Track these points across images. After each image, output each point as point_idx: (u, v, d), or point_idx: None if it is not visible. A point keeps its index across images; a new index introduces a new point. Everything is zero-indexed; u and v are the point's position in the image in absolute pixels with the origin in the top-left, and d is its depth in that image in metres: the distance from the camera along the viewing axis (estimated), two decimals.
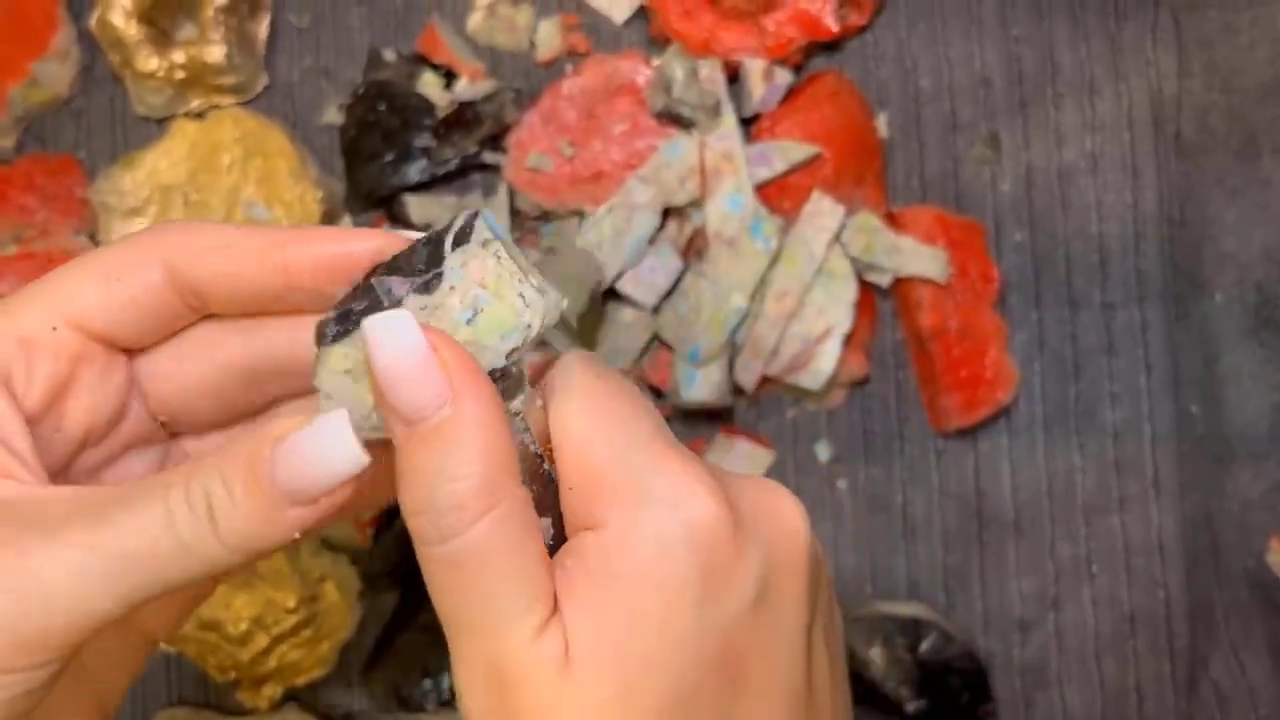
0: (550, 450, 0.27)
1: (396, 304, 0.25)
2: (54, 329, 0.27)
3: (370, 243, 0.27)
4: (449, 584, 0.24)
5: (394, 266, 0.26)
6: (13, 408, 0.26)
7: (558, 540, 0.27)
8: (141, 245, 0.27)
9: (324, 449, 0.23)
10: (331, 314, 0.26)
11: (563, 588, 0.25)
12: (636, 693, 0.24)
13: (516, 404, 0.27)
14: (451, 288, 0.25)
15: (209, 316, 0.29)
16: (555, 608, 0.25)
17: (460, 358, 0.24)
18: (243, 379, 0.29)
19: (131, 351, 0.29)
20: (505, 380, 0.26)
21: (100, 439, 0.29)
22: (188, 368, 0.29)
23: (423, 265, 0.25)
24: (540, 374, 0.28)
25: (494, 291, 0.25)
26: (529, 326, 0.26)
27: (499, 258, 0.26)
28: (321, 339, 0.26)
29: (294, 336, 0.28)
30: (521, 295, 0.26)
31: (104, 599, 0.24)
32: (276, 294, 0.27)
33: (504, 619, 0.24)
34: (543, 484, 0.27)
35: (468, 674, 0.25)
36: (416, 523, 0.24)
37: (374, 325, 0.24)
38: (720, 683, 0.25)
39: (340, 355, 0.25)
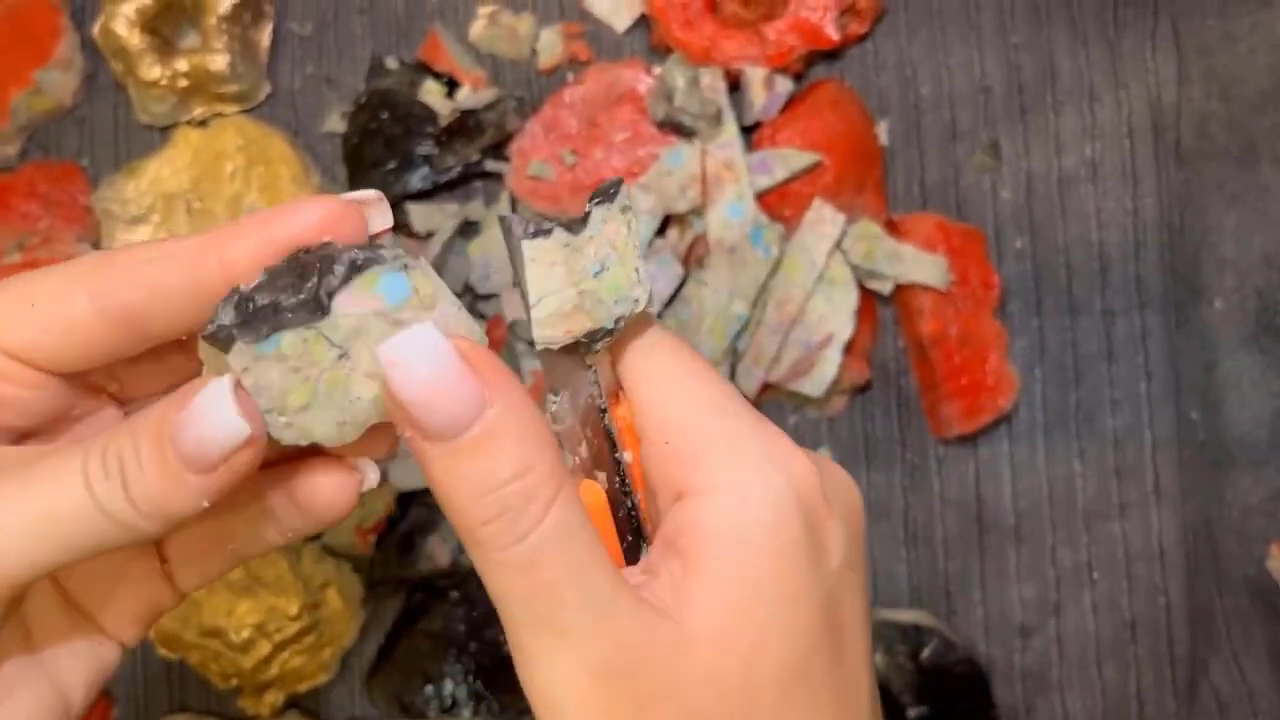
0: (614, 406, 0.27)
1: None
2: None
3: (307, 217, 0.25)
4: (532, 585, 0.23)
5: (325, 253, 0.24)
6: None
7: (612, 489, 0.27)
8: (67, 274, 0.26)
9: (208, 419, 0.23)
10: (243, 305, 0.24)
11: (681, 557, 0.24)
12: (761, 656, 0.24)
13: (591, 358, 0.27)
14: (590, 238, 0.26)
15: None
16: (640, 573, 0.25)
17: (487, 356, 0.23)
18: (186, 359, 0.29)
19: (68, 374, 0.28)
20: (607, 338, 0.26)
21: (44, 432, 0.28)
22: (154, 375, 0.29)
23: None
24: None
25: (620, 256, 0.26)
26: (637, 301, 0.26)
27: (629, 228, 0.26)
28: (241, 335, 0.24)
29: None
30: (638, 269, 0.26)
31: (18, 554, 0.24)
32: (218, 289, 0.26)
33: (600, 604, 0.23)
34: (602, 437, 0.27)
35: (568, 675, 0.23)
36: (487, 531, 0.23)
37: (396, 348, 0.22)
38: (827, 641, 0.25)
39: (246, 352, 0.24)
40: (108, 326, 0.26)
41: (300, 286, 0.24)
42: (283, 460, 0.28)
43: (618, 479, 0.27)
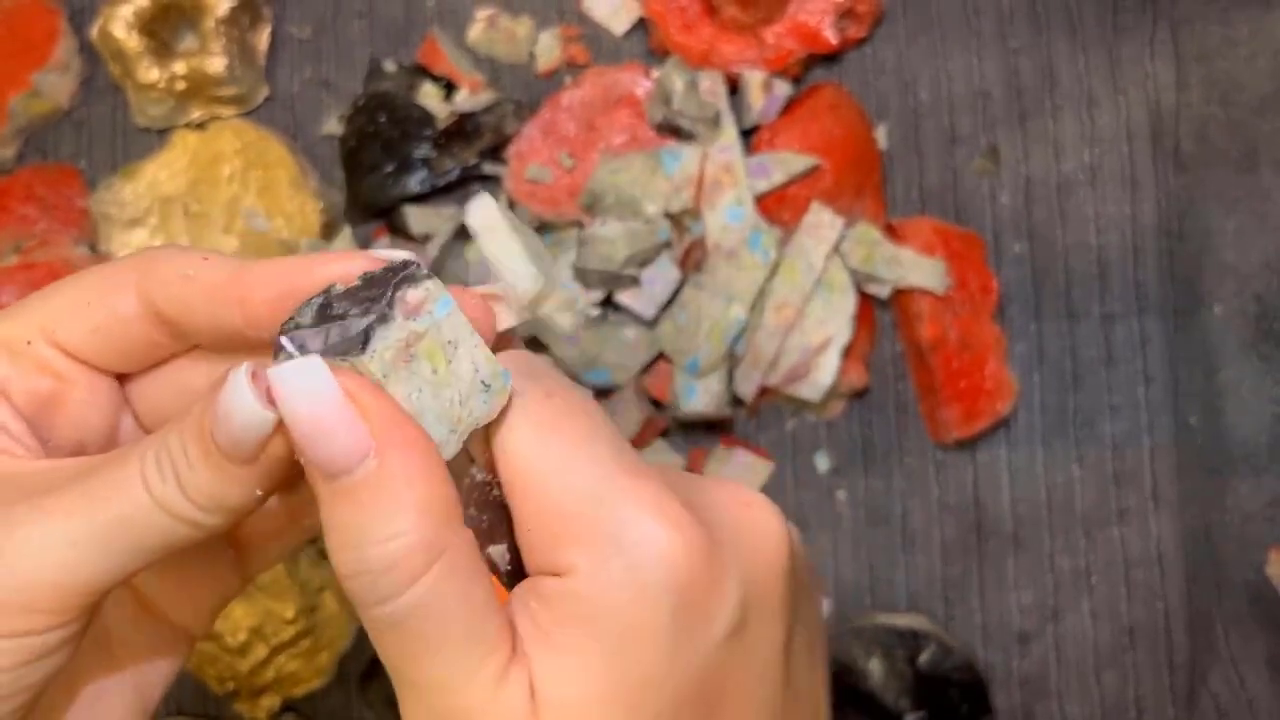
0: (496, 476, 0.25)
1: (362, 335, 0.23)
2: (28, 343, 0.27)
3: (330, 270, 0.25)
4: (393, 644, 0.23)
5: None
6: (5, 402, 0.27)
7: (515, 565, 0.26)
8: (119, 271, 0.27)
9: (233, 407, 0.23)
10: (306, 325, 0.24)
11: (529, 632, 0.24)
12: None
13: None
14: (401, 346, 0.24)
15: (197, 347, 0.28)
16: (514, 651, 0.24)
17: (382, 403, 0.23)
18: None
19: (123, 376, 0.29)
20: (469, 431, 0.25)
21: (92, 451, 0.29)
22: (165, 394, 0.29)
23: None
24: None
25: (449, 344, 0.24)
26: (487, 386, 0.25)
27: (438, 308, 0.24)
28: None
29: None
30: (476, 348, 0.25)
31: (94, 565, 0.24)
32: (237, 329, 0.26)
33: (458, 673, 0.23)
34: (494, 510, 0.25)
35: None
36: (350, 585, 0.23)
37: (280, 375, 0.22)
38: (699, 714, 0.24)
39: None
40: (150, 328, 0.27)
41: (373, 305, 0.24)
42: None
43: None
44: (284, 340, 0.23)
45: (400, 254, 0.25)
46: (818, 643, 0.29)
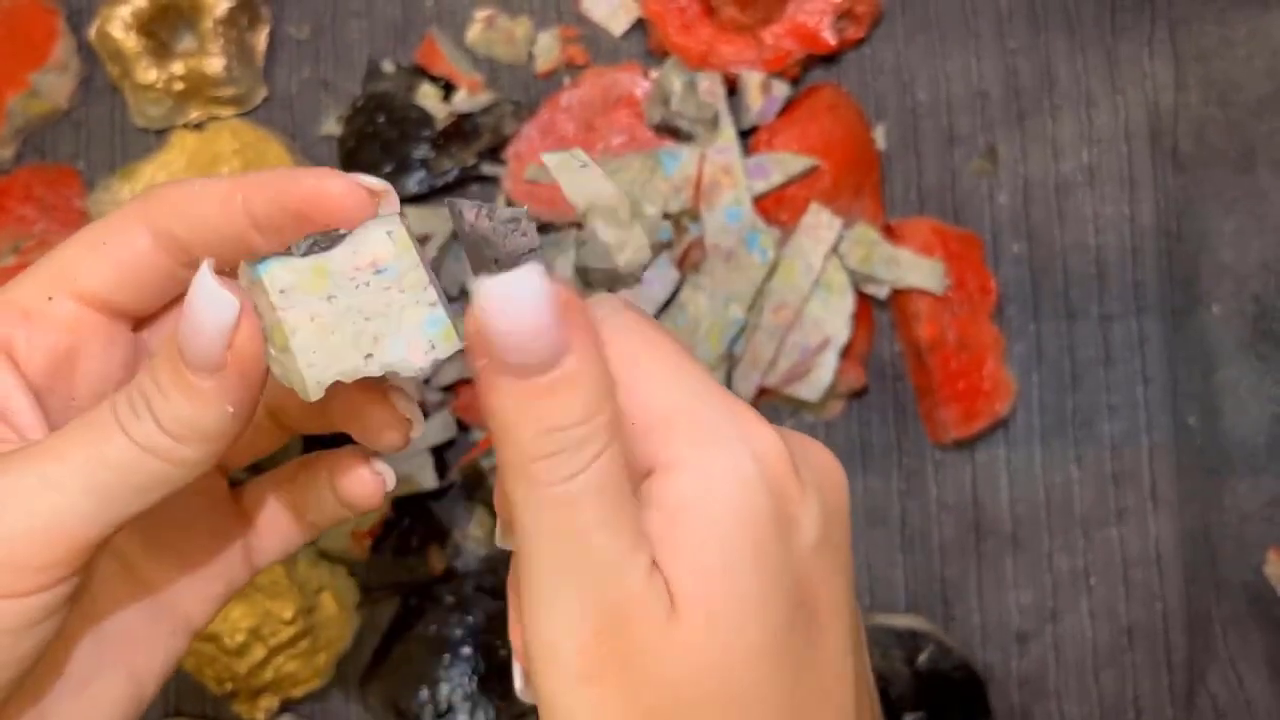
0: None
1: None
2: (50, 299, 0.28)
3: (330, 186, 0.27)
4: (565, 524, 0.24)
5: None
6: (13, 373, 0.27)
7: None
8: (125, 211, 0.28)
9: (198, 302, 0.24)
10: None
11: (651, 533, 0.25)
12: (740, 633, 0.24)
13: None
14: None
15: None
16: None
17: (578, 305, 0.24)
18: None
19: (138, 323, 0.30)
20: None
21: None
22: None
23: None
24: None
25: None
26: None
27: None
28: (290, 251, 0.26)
29: None
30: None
31: (78, 511, 0.24)
32: (243, 236, 0.27)
33: (621, 555, 0.24)
34: None
35: (573, 621, 0.24)
36: (540, 465, 0.23)
37: (500, 286, 0.23)
38: (803, 617, 0.25)
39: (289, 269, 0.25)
40: (164, 258, 0.28)
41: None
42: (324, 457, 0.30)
43: None
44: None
45: (380, 183, 0.27)
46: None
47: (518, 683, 0.27)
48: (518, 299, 0.22)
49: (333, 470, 0.31)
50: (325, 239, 0.26)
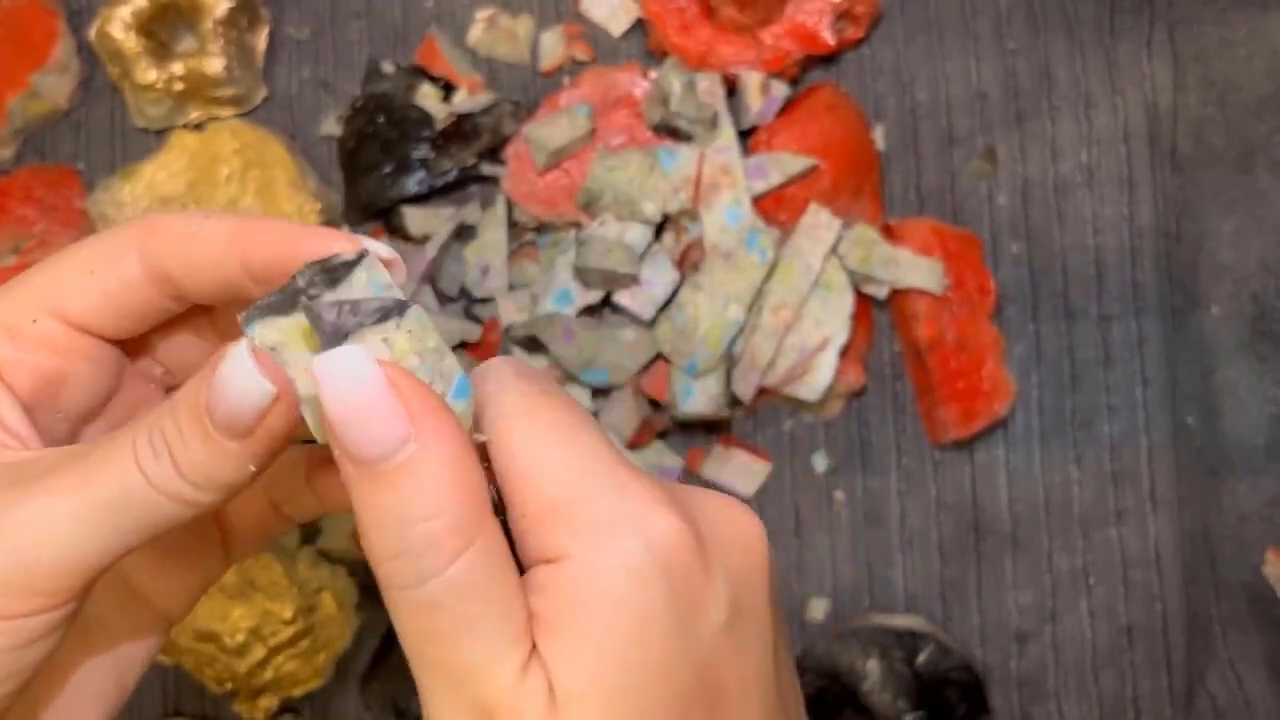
0: (486, 470, 0.25)
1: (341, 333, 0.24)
2: (34, 321, 0.27)
3: (329, 244, 0.26)
4: (426, 628, 0.23)
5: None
6: (2, 384, 0.27)
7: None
8: (119, 238, 0.27)
9: (233, 380, 0.23)
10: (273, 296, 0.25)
11: (535, 625, 0.24)
12: None
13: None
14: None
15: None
16: (533, 644, 0.24)
17: (419, 389, 0.23)
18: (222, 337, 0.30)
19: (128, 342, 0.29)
20: None
21: (100, 413, 0.29)
22: (192, 353, 0.30)
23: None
24: None
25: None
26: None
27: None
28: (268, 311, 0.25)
29: None
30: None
31: (90, 543, 0.24)
32: (238, 283, 0.27)
33: (489, 658, 0.23)
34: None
35: (450, 716, 0.23)
36: (389, 567, 0.23)
37: (326, 363, 0.22)
38: (705, 704, 0.24)
39: (274, 327, 0.24)
40: (155, 292, 0.27)
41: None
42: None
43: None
44: (303, 304, 0.24)
45: (388, 250, 0.26)
46: (785, 644, 0.29)
47: None
48: (340, 379, 0.22)
49: (309, 466, 0.30)
50: (326, 275, 0.25)
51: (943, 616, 0.55)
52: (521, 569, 0.25)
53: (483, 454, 0.25)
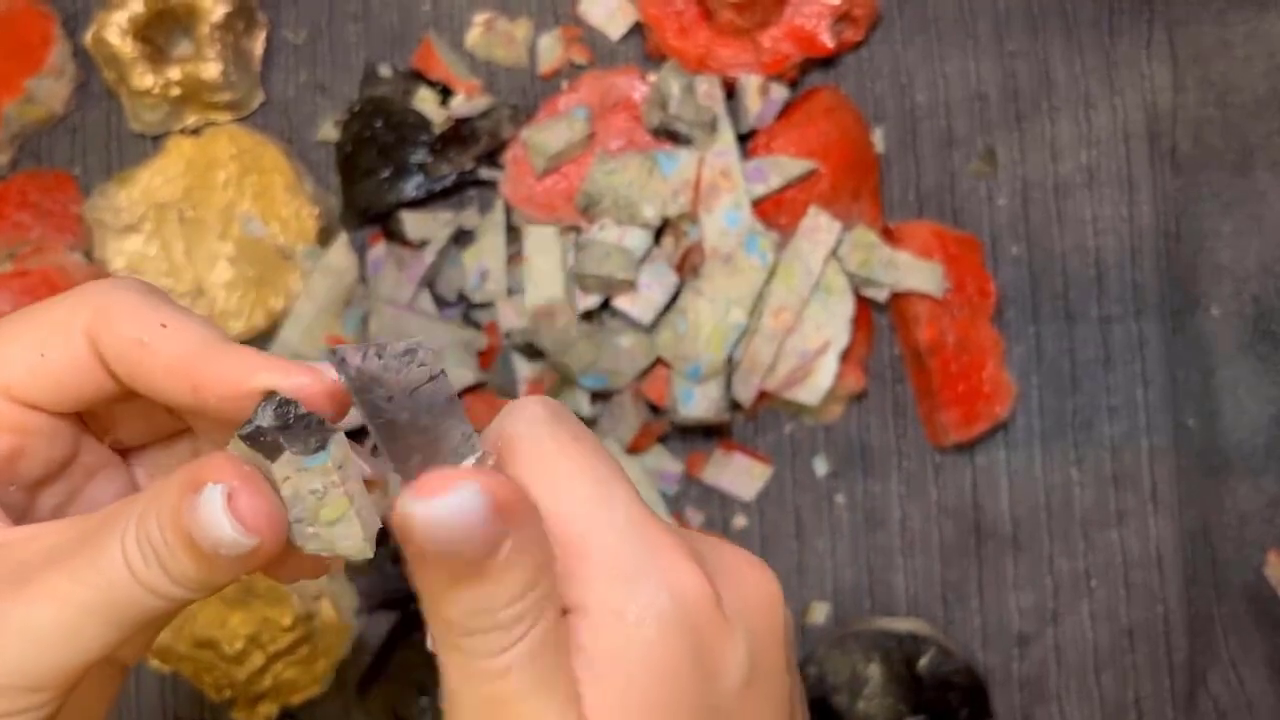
0: None
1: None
2: None
3: (287, 380, 0.25)
4: (495, 693, 0.23)
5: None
6: None
7: None
8: (70, 317, 0.26)
9: (212, 529, 0.23)
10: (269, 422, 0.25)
11: (576, 678, 0.24)
12: None
13: (466, 466, 0.25)
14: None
15: None
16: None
17: (511, 489, 0.23)
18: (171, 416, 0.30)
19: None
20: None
21: (56, 479, 0.29)
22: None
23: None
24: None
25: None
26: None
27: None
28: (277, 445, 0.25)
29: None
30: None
31: (85, 644, 0.24)
32: (186, 405, 0.26)
33: (546, 718, 0.23)
34: None
35: None
36: (470, 642, 0.23)
37: (436, 513, 0.22)
38: None
39: (287, 463, 0.24)
40: (107, 378, 0.27)
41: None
42: None
43: None
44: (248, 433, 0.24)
45: (331, 375, 0.25)
46: (801, 702, 0.29)
47: None
48: (450, 522, 0.22)
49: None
50: (282, 410, 0.25)
51: (944, 619, 0.55)
52: None
53: None
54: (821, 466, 0.56)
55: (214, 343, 0.26)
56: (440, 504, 0.22)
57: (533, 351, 0.55)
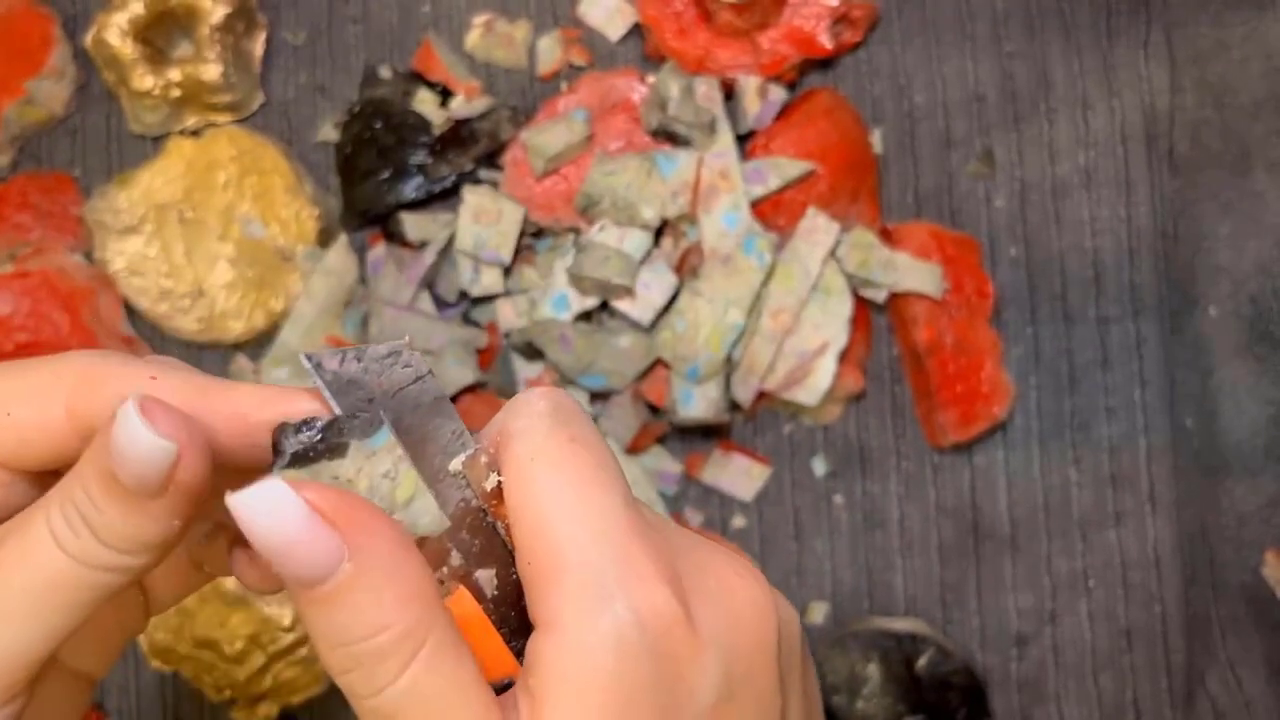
0: (495, 506, 0.25)
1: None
2: None
3: (294, 407, 0.25)
4: None
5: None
6: None
7: (502, 591, 0.26)
8: (50, 385, 0.26)
9: (129, 443, 0.22)
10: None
11: (528, 696, 0.24)
12: None
13: (456, 464, 0.25)
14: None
15: None
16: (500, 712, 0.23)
17: (349, 506, 0.22)
18: None
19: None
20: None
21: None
22: None
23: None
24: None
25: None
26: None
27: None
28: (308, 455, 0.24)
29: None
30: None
31: (28, 634, 0.24)
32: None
33: None
34: (486, 536, 0.26)
35: None
36: (345, 680, 0.23)
37: (242, 502, 0.22)
38: None
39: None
40: (78, 439, 0.26)
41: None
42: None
43: (511, 572, 0.26)
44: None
45: (310, 408, 0.25)
46: (814, 703, 0.28)
47: None
48: (263, 514, 0.22)
49: (231, 539, 0.29)
50: (308, 425, 0.24)
51: (942, 620, 0.55)
52: (527, 612, 0.25)
53: (497, 494, 0.25)
54: (820, 467, 0.56)
55: (209, 385, 0.25)
56: (249, 493, 0.22)
57: (532, 351, 0.55)
